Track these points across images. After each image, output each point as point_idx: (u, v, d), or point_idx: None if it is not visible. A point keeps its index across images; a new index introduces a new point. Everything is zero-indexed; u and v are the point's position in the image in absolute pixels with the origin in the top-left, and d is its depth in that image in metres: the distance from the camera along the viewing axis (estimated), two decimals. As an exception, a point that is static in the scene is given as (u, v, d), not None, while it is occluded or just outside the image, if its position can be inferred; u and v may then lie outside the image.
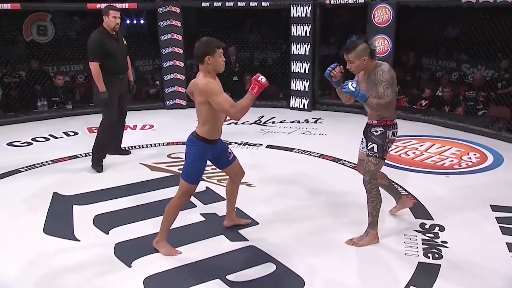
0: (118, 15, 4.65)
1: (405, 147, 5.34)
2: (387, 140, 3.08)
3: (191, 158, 2.96)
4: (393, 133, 3.12)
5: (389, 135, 3.09)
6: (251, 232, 3.34)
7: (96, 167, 4.70)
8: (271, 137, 5.88)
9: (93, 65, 4.57)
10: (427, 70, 8.07)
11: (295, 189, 4.14)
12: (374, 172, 3.09)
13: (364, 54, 2.99)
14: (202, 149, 2.94)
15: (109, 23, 4.62)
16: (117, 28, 4.66)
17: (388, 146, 3.11)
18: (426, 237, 3.23)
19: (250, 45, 8.67)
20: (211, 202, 3.86)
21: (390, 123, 3.09)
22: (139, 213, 3.66)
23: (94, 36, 4.63)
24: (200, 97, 2.84)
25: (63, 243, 3.23)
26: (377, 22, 6.54)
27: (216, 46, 2.84)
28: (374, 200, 3.11)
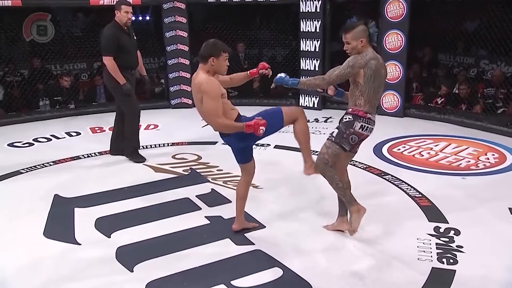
0: (130, 10, 4.78)
1: (419, 147, 5.29)
2: (351, 130, 3.02)
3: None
4: (362, 126, 3.03)
5: (357, 126, 3.02)
6: (258, 235, 3.33)
7: (136, 159, 4.91)
8: (279, 137, 5.81)
9: (108, 60, 4.67)
10: (443, 67, 7.99)
11: (304, 191, 4.12)
12: (325, 156, 3.03)
13: (362, 35, 2.99)
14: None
15: (121, 18, 4.74)
16: (129, 23, 4.78)
17: (352, 138, 3.03)
18: (440, 241, 3.20)
19: (259, 42, 8.66)
20: (216, 204, 3.86)
21: (361, 115, 3.03)
22: (142, 216, 3.67)
23: (107, 30, 4.74)
24: (198, 93, 2.94)
25: (63, 247, 3.25)
26: (390, 17, 6.50)
27: (222, 50, 2.96)
28: (333, 181, 3.04)
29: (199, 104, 3.00)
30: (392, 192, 4.10)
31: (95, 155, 5.24)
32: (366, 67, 2.95)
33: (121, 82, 4.68)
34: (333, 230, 3.37)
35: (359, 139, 3.09)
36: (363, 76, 2.97)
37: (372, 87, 2.99)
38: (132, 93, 4.82)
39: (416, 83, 7.32)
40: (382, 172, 4.54)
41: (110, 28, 4.76)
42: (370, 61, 2.96)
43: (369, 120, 3.06)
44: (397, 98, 6.71)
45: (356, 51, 3.01)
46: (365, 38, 2.99)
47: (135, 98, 4.93)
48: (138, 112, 4.94)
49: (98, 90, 7.95)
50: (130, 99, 4.82)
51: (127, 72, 4.78)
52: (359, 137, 3.07)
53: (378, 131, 5.84)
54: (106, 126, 6.48)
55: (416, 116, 6.70)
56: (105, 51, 4.70)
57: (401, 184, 4.23)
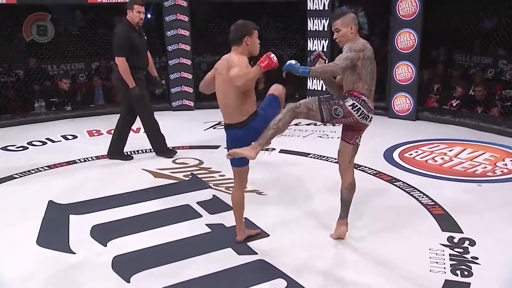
0: (143, 10, 4.87)
1: (432, 152, 5.27)
2: (340, 103, 2.99)
3: None
4: (353, 105, 2.99)
5: (348, 102, 2.99)
6: (261, 244, 3.32)
7: (167, 154, 5.16)
8: (284, 141, 5.86)
9: (121, 61, 4.76)
10: (459, 67, 7.97)
11: (311, 198, 4.11)
12: (301, 103, 2.99)
13: (351, 22, 3.06)
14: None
15: (133, 18, 4.83)
16: (141, 23, 4.88)
17: (336, 109, 2.97)
18: (454, 252, 3.18)
19: (265, 41, 8.67)
20: (218, 211, 3.86)
21: (356, 94, 3.03)
22: (140, 224, 3.67)
23: (121, 30, 4.85)
24: (223, 70, 3.00)
25: (57, 256, 3.25)
26: (402, 15, 6.49)
27: (253, 27, 3.05)
28: (279, 118, 2.97)
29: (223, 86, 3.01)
30: (403, 199, 4.08)
31: (92, 160, 5.25)
32: (364, 49, 3.01)
33: (130, 85, 4.78)
34: (337, 239, 3.35)
35: (343, 117, 3.01)
36: (361, 59, 3.00)
37: (369, 69, 3.03)
38: (144, 94, 4.94)
39: (437, 85, 7.28)
40: (392, 179, 4.52)
41: (123, 27, 4.87)
42: (365, 44, 3.04)
43: (364, 102, 3.03)
44: (409, 100, 6.69)
45: (346, 38, 3.05)
46: (355, 26, 3.06)
47: (147, 96, 5.05)
48: (151, 110, 5.09)
49: (97, 91, 7.99)
50: (141, 102, 4.93)
51: (139, 73, 4.90)
52: (345, 114, 3.00)
53: (389, 135, 5.97)
54: (104, 129, 6.50)
55: (429, 119, 6.67)
56: (118, 52, 4.79)
57: (413, 191, 4.20)
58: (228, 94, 3.01)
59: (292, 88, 8.07)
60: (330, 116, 3.01)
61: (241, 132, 3.06)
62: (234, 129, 3.08)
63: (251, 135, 3.03)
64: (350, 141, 3.22)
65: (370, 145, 5.51)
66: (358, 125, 3.13)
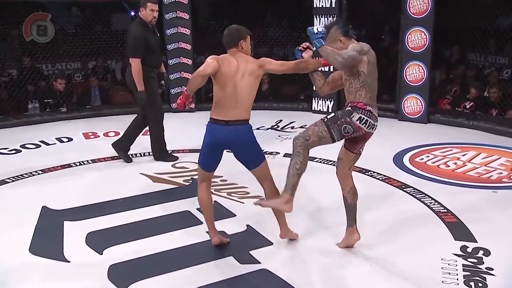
0: (157, 8, 4.94)
1: (445, 156, 5.26)
2: (347, 120, 3.01)
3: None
4: (360, 118, 3.02)
5: (354, 117, 3.02)
6: (264, 253, 3.32)
7: (168, 158, 5.22)
8: (290, 144, 5.81)
9: (135, 62, 4.83)
10: (473, 67, 7.96)
11: (316, 204, 4.11)
12: (309, 133, 3.03)
13: (337, 34, 3.13)
14: (207, 129, 3.20)
15: (146, 16, 4.89)
16: (154, 21, 4.95)
17: (345, 128, 3.01)
18: (467, 263, 3.16)
19: (269, 40, 8.70)
20: (219, 218, 3.82)
21: (360, 106, 3.04)
22: (137, 231, 3.67)
23: (136, 30, 4.89)
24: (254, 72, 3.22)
25: (50, 265, 3.25)
26: (413, 12, 6.49)
27: (247, 32, 3.31)
28: (295, 159, 3.04)
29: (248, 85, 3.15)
30: (413, 206, 4.06)
31: (88, 163, 5.26)
32: (369, 53, 3.02)
33: (139, 88, 4.87)
34: (345, 248, 3.34)
35: (353, 132, 3.05)
36: (366, 64, 3.01)
37: (373, 77, 3.05)
38: (155, 96, 5.04)
39: (455, 87, 7.26)
40: (402, 184, 4.51)
41: (137, 27, 4.92)
42: (369, 47, 3.05)
43: (369, 113, 3.05)
44: (420, 102, 6.68)
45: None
46: (342, 36, 3.12)
47: (159, 100, 5.16)
48: (161, 114, 5.19)
49: (93, 92, 8.02)
50: (151, 104, 5.01)
51: (153, 72, 5.00)
52: (354, 129, 3.03)
53: (399, 138, 5.96)
54: (101, 132, 6.53)
55: (442, 122, 6.66)
56: (133, 52, 4.85)
57: (424, 198, 4.19)
58: (248, 90, 3.16)
59: (297, 88, 8.10)
60: (341, 136, 3.06)
61: (244, 128, 3.18)
62: (236, 125, 3.14)
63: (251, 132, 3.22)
64: (355, 151, 3.25)
65: (379, 149, 5.52)
66: (364, 135, 3.16)
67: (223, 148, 3.22)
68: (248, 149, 3.21)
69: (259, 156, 3.26)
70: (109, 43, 8.05)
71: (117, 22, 8.80)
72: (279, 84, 8.11)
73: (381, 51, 8.45)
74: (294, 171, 3.04)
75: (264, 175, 3.29)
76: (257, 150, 3.25)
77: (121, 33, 8.12)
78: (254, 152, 3.23)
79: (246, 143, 3.19)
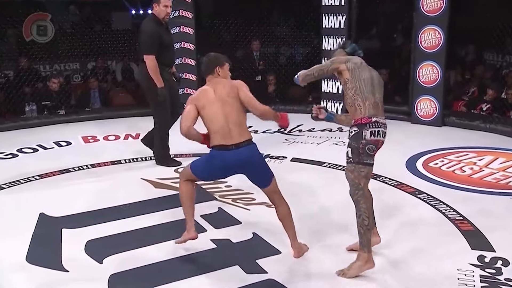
0: (170, 4, 5.00)
1: (460, 161, 5.24)
2: (364, 142, 3.08)
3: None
4: (372, 132, 3.08)
5: (367, 135, 3.08)
6: (271, 262, 3.31)
7: (171, 163, 5.23)
8: (297, 148, 5.86)
9: (150, 59, 4.88)
10: (490, 67, 7.93)
11: (326, 212, 4.10)
12: (355, 181, 3.11)
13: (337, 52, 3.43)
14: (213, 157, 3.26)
15: (159, 12, 4.95)
16: (167, 18, 5.02)
17: (368, 148, 3.09)
18: (485, 273, 3.14)
19: (276, 39, 8.72)
20: (224, 226, 3.86)
21: (365, 121, 3.08)
22: (139, 239, 3.67)
23: (150, 26, 4.95)
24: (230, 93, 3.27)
25: (48, 274, 3.25)
26: (426, 10, 6.48)
27: (225, 60, 3.37)
28: (361, 214, 3.09)
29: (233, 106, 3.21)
30: (428, 214, 4.05)
31: (88, 168, 5.28)
32: (348, 61, 3.17)
33: (158, 85, 4.92)
34: (355, 250, 3.31)
35: (376, 147, 3.13)
36: (348, 71, 3.14)
37: (361, 79, 3.12)
38: (165, 96, 5.03)
39: (474, 88, 7.24)
40: (416, 191, 4.50)
41: (149, 23, 4.98)
42: (352, 58, 3.22)
43: (377, 123, 3.10)
44: (434, 104, 6.67)
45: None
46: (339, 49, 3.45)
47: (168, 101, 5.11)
48: (168, 119, 5.19)
49: (93, 94, 8.05)
50: (162, 105, 5.05)
51: (165, 70, 5.04)
52: (375, 144, 3.11)
53: (411, 142, 5.94)
54: (101, 135, 6.54)
55: (457, 125, 6.64)
56: (147, 50, 4.90)
57: (439, 205, 4.18)
58: (236, 112, 3.22)
59: (305, 90, 8.08)
60: (371, 157, 3.11)
61: (254, 147, 3.24)
62: (247, 146, 3.19)
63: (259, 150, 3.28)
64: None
65: (391, 154, 5.48)
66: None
67: (234, 172, 3.30)
68: (261, 167, 3.27)
69: (270, 172, 3.30)
70: (109, 43, 8.07)
71: (117, 21, 8.84)
72: (286, 85, 8.11)
73: (393, 51, 8.50)
74: (364, 228, 3.10)
75: (274, 190, 3.32)
76: (267, 166, 3.31)
77: (122, 32, 8.17)
78: (266, 169, 3.28)
79: (259, 162, 3.26)
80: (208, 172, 3.32)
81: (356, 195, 3.11)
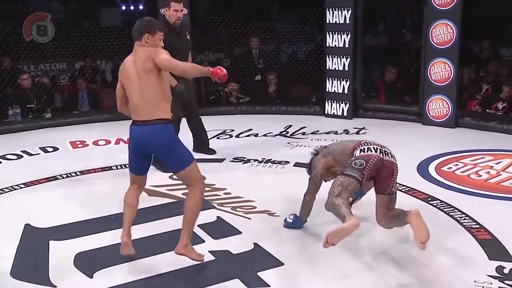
0: (181, 8, 5.11)
1: (476, 165, 5.24)
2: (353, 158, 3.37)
3: None
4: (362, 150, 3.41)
5: (356, 153, 3.42)
6: (274, 275, 3.31)
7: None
8: (300, 152, 5.84)
9: None
10: (506, 64, 7.94)
11: (330, 219, 4.07)
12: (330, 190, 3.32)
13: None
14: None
15: (170, 16, 5.11)
16: (178, 23, 5.12)
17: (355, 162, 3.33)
18: (504, 286, 3.14)
19: (276, 36, 8.73)
20: (223, 236, 3.86)
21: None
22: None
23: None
24: (146, 62, 3.30)
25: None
26: (438, 4, 6.49)
27: (158, 28, 3.42)
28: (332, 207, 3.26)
29: (147, 82, 3.25)
30: (441, 221, 4.05)
31: (77, 175, 5.28)
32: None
33: (173, 85, 4.96)
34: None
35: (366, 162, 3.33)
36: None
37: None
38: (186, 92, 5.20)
39: (488, 85, 7.24)
40: (428, 197, 4.50)
41: None
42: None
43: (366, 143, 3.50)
44: (447, 103, 6.67)
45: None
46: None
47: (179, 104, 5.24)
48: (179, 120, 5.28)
49: (81, 96, 8.05)
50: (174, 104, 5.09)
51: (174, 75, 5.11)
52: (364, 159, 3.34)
53: (423, 144, 5.95)
54: (90, 140, 6.54)
55: (472, 126, 6.65)
56: None
57: (453, 212, 4.18)
58: (150, 88, 3.27)
59: (308, 90, 8.11)
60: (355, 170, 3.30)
61: (163, 128, 3.29)
62: (153, 125, 3.27)
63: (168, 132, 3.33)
64: (386, 191, 3.41)
65: (401, 158, 5.45)
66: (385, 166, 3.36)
67: (144, 150, 3.37)
68: (167, 150, 3.32)
69: (183, 159, 3.33)
70: (98, 41, 8.06)
71: (106, 17, 8.85)
72: (288, 85, 8.13)
73: (402, 48, 8.51)
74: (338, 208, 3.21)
75: (187, 178, 3.40)
76: (180, 152, 3.34)
77: (112, 30, 8.16)
78: (174, 154, 3.32)
79: (165, 144, 3.30)
80: (130, 157, 3.49)
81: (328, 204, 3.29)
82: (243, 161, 5.51)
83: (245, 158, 5.59)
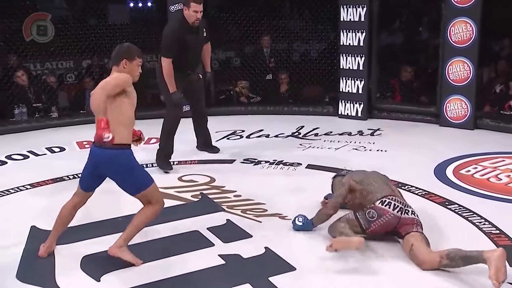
0: (200, 9, 5.19)
1: (495, 168, 5.21)
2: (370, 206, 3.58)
3: None
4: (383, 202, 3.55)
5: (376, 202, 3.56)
6: (285, 280, 3.30)
7: (165, 168, 5.41)
8: (313, 154, 5.85)
9: (166, 62, 5.19)
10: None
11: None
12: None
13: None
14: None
15: (188, 16, 5.19)
16: (196, 23, 5.21)
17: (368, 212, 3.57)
18: (525, 292, 3.12)
19: (289, 34, 8.73)
20: (233, 240, 3.85)
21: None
22: (140, 254, 3.66)
23: (171, 29, 5.28)
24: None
25: (41, 294, 3.26)
26: (457, 1, 6.47)
27: (137, 55, 3.50)
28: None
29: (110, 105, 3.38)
30: (459, 226, 4.03)
31: (82, 177, 5.30)
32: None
33: (171, 90, 5.20)
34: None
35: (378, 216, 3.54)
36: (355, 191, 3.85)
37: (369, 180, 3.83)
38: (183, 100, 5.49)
39: (501, 85, 7.20)
40: (446, 201, 4.48)
41: (174, 25, 5.31)
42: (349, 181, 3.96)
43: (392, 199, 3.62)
44: (465, 104, 6.64)
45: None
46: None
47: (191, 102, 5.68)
48: (177, 123, 5.51)
49: (88, 95, 8.07)
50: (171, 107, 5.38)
51: (183, 73, 5.34)
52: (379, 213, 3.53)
53: (440, 147, 5.92)
54: (97, 140, 6.56)
55: (491, 127, 6.61)
56: (163, 52, 5.21)
57: (472, 217, 4.15)
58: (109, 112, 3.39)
59: (321, 90, 8.10)
60: (367, 221, 3.55)
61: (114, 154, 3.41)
62: (105, 149, 3.38)
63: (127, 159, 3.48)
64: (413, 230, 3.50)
65: (418, 160, 5.49)
66: (402, 222, 3.51)
67: (96, 172, 3.50)
68: (118, 176, 3.48)
69: (136, 185, 3.48)
70: (106, 39, 8.10)
71: (114, 15, 8.88)
72: (300, 85, 8.12)
73: (419, 46, 8.48)
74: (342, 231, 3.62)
75: (146, 201, 3.54)
76: (132, 178, 3.48)
77: (120, 27, 8.19)
78: (128, 180, 3.48)
79: (114, 170, 3.45)
80: (84, 171, 3.58)
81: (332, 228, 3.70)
82: (254, 163, 5.52)
83: (256, 159, 5.60)
